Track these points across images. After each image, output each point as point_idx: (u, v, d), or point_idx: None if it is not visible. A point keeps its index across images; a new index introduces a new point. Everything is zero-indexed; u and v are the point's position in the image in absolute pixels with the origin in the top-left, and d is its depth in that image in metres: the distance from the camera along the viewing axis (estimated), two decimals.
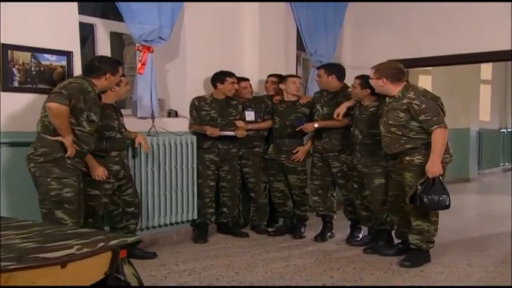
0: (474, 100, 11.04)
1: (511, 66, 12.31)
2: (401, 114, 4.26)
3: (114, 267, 1.94)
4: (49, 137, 3.75)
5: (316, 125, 5.23)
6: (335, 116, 5.01)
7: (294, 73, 6.57)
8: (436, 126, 4.15)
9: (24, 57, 4.17)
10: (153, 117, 5.10)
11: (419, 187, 4.13)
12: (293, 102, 5.54)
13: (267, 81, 5.88)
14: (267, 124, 5.66)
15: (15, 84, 4.13)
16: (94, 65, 4.02)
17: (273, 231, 5.66)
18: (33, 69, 4.22)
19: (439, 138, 4.14)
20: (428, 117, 4.17)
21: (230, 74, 5.39)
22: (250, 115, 5.65)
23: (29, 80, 4.20)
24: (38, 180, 3.79)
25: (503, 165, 13.38)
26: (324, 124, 5.22)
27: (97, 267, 1.86)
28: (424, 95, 4.25)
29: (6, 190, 4.07)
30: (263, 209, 5.80)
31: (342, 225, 5.59)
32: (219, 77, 5.39)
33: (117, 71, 4.09)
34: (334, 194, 5.50)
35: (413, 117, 4.22)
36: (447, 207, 4.19)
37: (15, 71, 4.13)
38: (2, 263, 1.58)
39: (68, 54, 4.42)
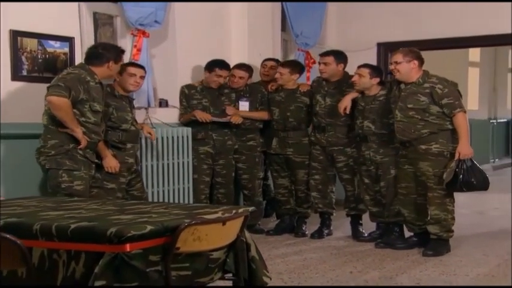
0: (461, 86, 12.23)
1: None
2: (423, 98, 5.60)
3: (243, 230, 3.13)
4: (58, 129, 4.79)
5: None
6: (341, 110, 6.14)
7: (277, 57, 7.72)
8: (458, 110, 5.54)
9: (31, 44, 5.21)
10: (147, 108, 6.23)
11: (456, 170, 5.45)
12: (292, 90, 6.69)
13: (264, 66, 6.96)
14: (260, 115, 6.76)
15: (24, 73, 5.17)
16: (98, 52, 5.03)
17: (272, 230, 6.86)
18: (39, 57, 5.27)
19: (462, 121, 5.55)
20: (451, 101, 5.55)
21: (221, 65, 6.44)
22: (244, 105, 6.74)
23: (36, 68, 5.24)
24: (48, 173, 4.84)
25: (493, 162, 14.77)
26: None
27: (237, 228, 3.05)
28: (446, 81, 5.65)
29: (15, 183, 5.08)
30: (258, 207, 6.87)
31: (338, 224, 6.91)
32: (208, 66, 6.46)
33: (120, 60, 5.14)
34: (334, 190, 6.75)
35: (435, 102, 5.56)
36: (488, 186, 5.62)
37: (23, 59, 5.16)
38: (185, 220, 2.75)
39: (70, 40, 5.50)
